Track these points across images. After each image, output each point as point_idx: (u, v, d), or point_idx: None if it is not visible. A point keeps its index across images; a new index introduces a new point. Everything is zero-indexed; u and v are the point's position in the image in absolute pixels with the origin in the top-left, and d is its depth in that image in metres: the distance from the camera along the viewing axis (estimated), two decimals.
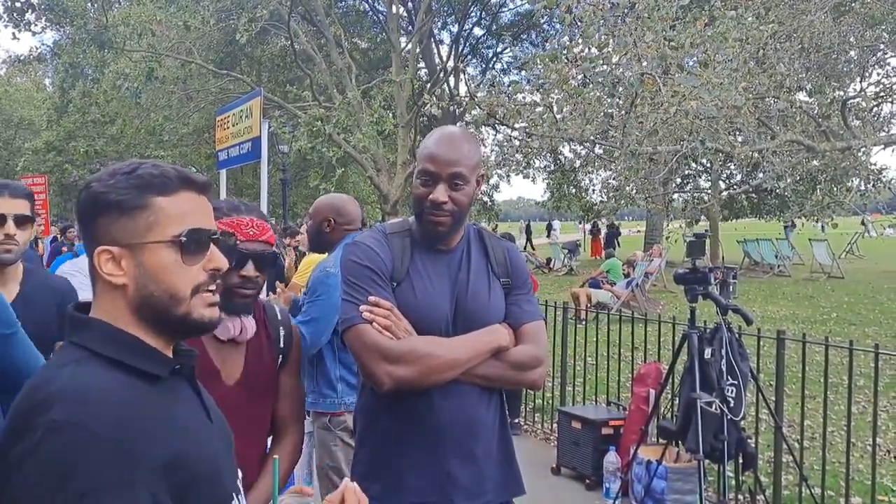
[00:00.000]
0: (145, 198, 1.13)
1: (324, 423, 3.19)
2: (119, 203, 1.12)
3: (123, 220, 1.12)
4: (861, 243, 26.27)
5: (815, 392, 6.33)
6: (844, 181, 10.80)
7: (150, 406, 1.07)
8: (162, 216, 1.14)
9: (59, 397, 1.01)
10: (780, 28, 8.75)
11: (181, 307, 1.14)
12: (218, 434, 1.22)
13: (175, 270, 1.14)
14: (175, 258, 1.14)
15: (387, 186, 18.03)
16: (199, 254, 1.16)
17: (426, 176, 1.90)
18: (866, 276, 19.28)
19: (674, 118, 7.27)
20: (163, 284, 1.13)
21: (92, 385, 1.04)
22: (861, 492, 4.58)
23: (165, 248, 1.13)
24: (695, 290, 4.05)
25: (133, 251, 1.13)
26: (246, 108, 5.23)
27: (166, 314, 1.14)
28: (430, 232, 1.94)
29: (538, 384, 2.05)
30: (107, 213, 1.13)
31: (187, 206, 1.17)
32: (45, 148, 23.87)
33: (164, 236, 1.13)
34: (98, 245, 1.13)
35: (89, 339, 1.12)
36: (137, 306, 1.13)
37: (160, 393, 1.11)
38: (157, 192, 1.14)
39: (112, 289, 1.14)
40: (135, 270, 1.13)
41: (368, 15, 24.31)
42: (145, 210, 1.13)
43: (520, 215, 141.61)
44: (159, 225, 1.13)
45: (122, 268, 1.13)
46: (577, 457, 5.12)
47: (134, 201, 1.13)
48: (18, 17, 18.43)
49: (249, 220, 1.92)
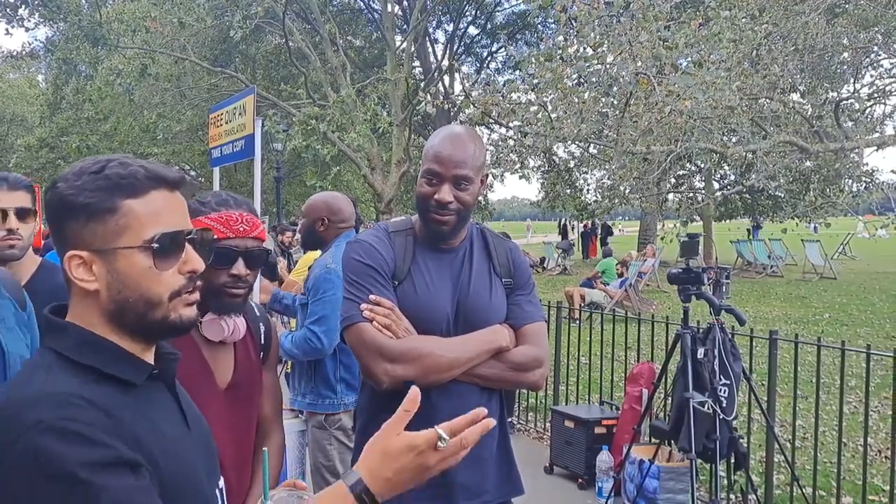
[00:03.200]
0: (114, 200, 1.07)
1: (319, 422, 3.17)
2: (87, 206, 1.07)
3: (92, 225, 1.07)
4: (853, 244, 26.39)
5: (807, 392, 6.35)
6: (837, 182, 10.85)
7: (125, 411, 1.03)
8: (132, 219, 1.08)
9: (31, 403, 0.98)
10: (775, 29, 8.78)
11: (159, 311, 1.10)
12: (197, 441, 1.18)
13: (150, 276, 1.09)
14: (148, 264, 1.08)
15: (381, 185, 18.00)
16: (174, 257, 1.11)
17: (432, 175, 1.89)
18: (858, 277, 19.36)
19: (668, 117, 7.28)
20: (138, 290, 1.08)
21: (64, 391, 1.00)
22: (852, 491, 4.60)
23: (138, 253, 1.08)
24: (688, 290, 4.05)
25: (104, 256, 1.07)
26: (239, 106, 5.20)
27: (144, 319, 1.09)
28: (434, 231, 1.93)
29: (538, 385, 2.04)
30: (74, 217, 1.07)
31: (159, 206, 1.10)
32: (38, 144, 23.72)
33: (135, 241, 1.08)
34: (68, 249, 1.08)
35: (64, 344, 1.08)
36: (112, 312, 1.09)
37: (135, 398, 1.08)
38: (127, 195, 1.08)
39: (85, 294, 1.09)
40: (107, 276, 1.08)
41: (363, 13, 24.27)
42: (115, 213, 1.07)
43: (514, 214, 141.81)
44: (130, 229, 1.07)
45: (93, 273, 1.08)
46: (569, 456, 5.13)
47: (102, 204, 1.07)
48: (11, 13, 18.34)
49: (239, 216, 1.85)
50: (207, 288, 1.82)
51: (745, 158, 8.70)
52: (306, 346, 3.06)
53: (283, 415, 2.11)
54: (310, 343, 3.05)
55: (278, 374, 2.21)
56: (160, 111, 19.42)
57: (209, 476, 1.18)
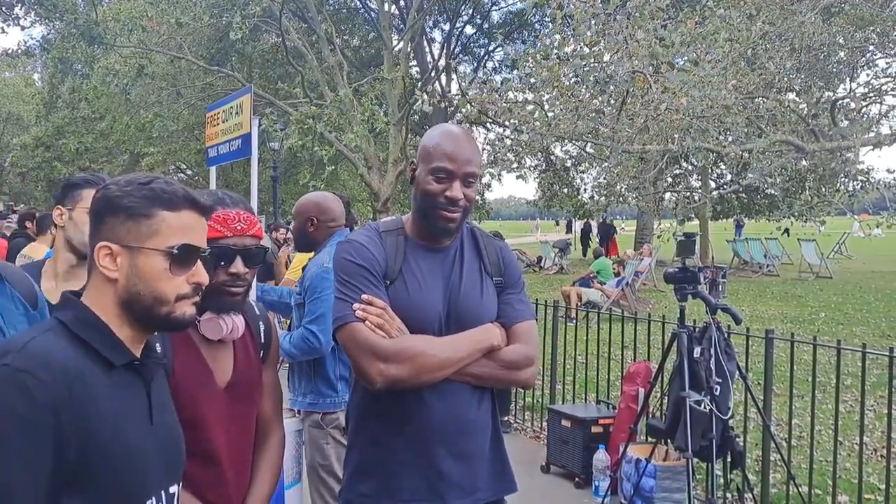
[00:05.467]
0: (153, 209, 1.29)
1: (315, 421, 3.16)
2: (129, 208, 1.28)
3: (129, 224, 1.28)
4: (849, 243, 26.46)
5: (803, 391, 6.37)
6: (833, 181, 10.87)
7: (91, 384, 1.18)
8: (164, 227, 1.29)
9: (16, 349, 1.16)
10: (771, 28, 8.79)
11: (164, 308, 1.30)
12: (157, 437, 1.31)
13: (163, 277, 1.29)
14: (164, 266, 1.29)
15: (378, 184, 17.98)
16: (187, 267, 1.31)
17: (443, 173, 1.90)
18: (854, 276, 19.41)
19: (664, 114, 7.29)
20: (150, 286, 1.28)
21: (48, 348, 1.18)
22: (848, 490, 4.62)
23: (159, 255, 1.29)
24: (685, 289, 4.06)
25: (130, 252, 1.28)
26: (236, 105, 5.19)
27: (150, 312, 1.29)
28: (440, 228, 1.94)
29: (529, 383, 2.05)
30: (116, 214, 1.29)
31: (187, 222, 1.32)
32: (34, 143, 23.65)
33: (160, 245, 1.29)
34: (101, 241, 1.29)
35: (67, 315, 1.27)
36: (124, 301, 1.28)
37: (111, 380, 1.23)
38: (164, 207, 1.30)
39: (104, 281, 1.29)
40: (128, 269, 1.28)
41: (360, 12, 24.24)
42: (150, 219, 1.29)
43: (511, 214, 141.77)
44: (160, 234, 1.29)
45: (117, 264, 1.28)
46: (566, 455, 5.13)
47: (142, 209, 1.29)
48: (7, 11, 18.28)
49: (236, 214, 1.84)
50: (206, 287, 1.82)
51: (741, 157, 8.72)
52: (304, 345, 3.06)
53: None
54: (308, 342, 3.05)
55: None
56: (156, 110, 19.37)
57: (159, 474, 1.31)
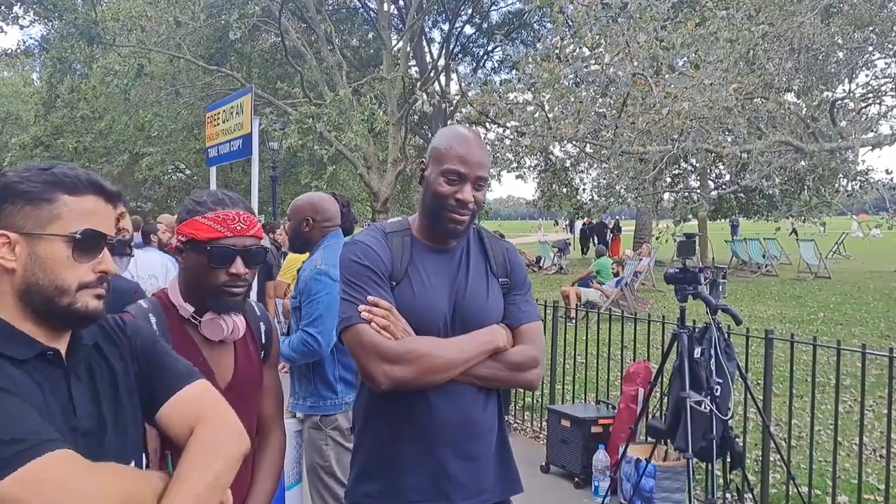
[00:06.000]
0: (53, 193, 1.22)
1: (314, 423, 3.16)
2: (28, 193, 1.21)
3: (28, 209, 1.20)
4: (848, 243, 26.47)
5: (803, 391, 6.38)
6: (832, 182, 10.87)
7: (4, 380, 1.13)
8: (65, 212, 1.22)
9: None
10: (771, 29, 8.79)
11: (65, 298, 1.22)
12: (73, 427, 1.23)
13: (65, 265, 1.21)
14: (67, 253, 1.21)
15: (377, 184, 17.99)
16: (91, 254, 1.24)
17: (454, 176, 1.91)
18: (853, 277, 19.42)
19: (666, 118, 7.29)
20: (50, 275, 1.21)
21: None
22: (847, 490, 4.62)
23: (61, 242, 1.21)
24: (685, 289, 4.06)
25: (30, 240, 1.20)
26: (237, 105, 5.20)
27: (50, 304, 1.21)
28: (448, 230, 1.94)
29: (534, 385, 2.05)
30: (14, 201, 1.21)
31: (90, 208, 1.24)
32: (33, 143, 23.61)
33: (61, 231, 1.21)
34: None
35: None
36: (22, 292, 1.21)
37: (24, 373, 1.17)
38: (66, 191, 1.22)
39: (2, 272, 1.21)
40: (27, 258, 1.20)
41: (359, 12, 24.25)
42: (51, 204, 1.21)
43: (510, 214, 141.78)
44: (61, 219, 1.21)
45: (14, 253, 1.20)
46: (566, 455, 5.13)
47: (42, 194, 1.21)
48: (6, 10, 18.25)
49: (236, 214, 1.83)
50: (206, 287, 1.82)
51: (740, 158, 8.72)
52: (304, 348, 3.06)
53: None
54: (307, 345, 3.05)
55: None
56: (155, 110, 19.36)
57: None
